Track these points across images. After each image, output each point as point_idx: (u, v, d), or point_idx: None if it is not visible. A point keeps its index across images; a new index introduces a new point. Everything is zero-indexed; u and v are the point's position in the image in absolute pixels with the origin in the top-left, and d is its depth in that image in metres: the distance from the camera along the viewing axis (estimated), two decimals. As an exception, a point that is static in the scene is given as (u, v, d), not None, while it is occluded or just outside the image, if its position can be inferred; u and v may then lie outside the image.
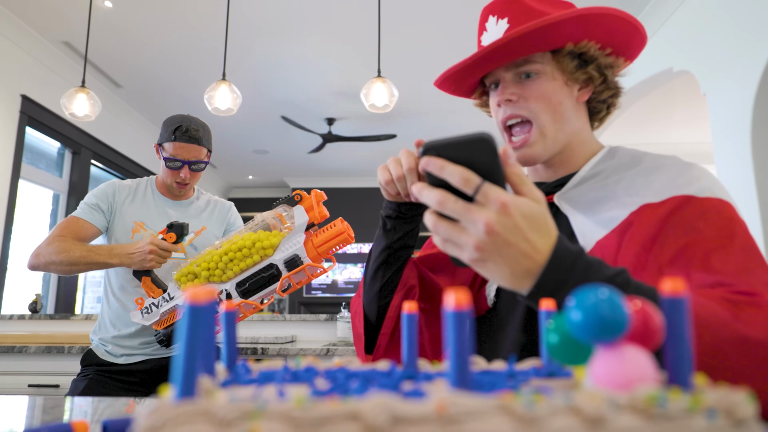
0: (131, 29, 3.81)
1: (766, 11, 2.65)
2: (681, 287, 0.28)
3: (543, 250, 0.51)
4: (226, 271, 1.25)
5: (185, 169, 1.80)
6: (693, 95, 4.71)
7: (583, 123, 0.86)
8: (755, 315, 0.56)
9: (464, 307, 0.25)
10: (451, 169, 0.50)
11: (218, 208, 1.97)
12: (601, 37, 0.81)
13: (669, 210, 0.71)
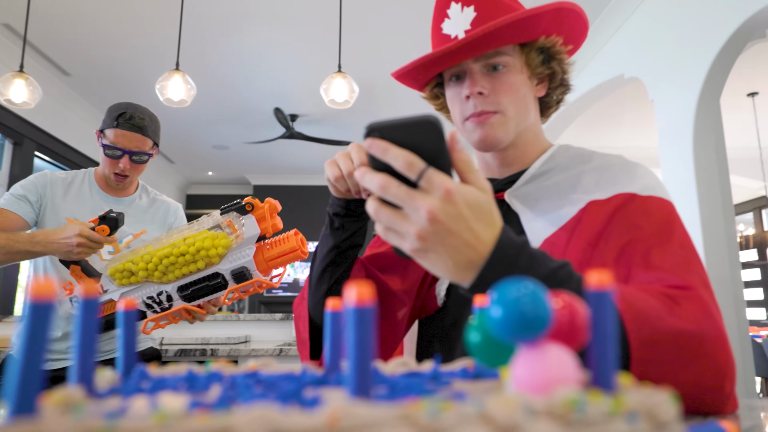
0: (81, 15, 3.65)
1: (710, 22, 2.74)
2: (606, 280, 0.26)
3: (487, 241, 0.50)
4: (167, 274, 1.16)
5: (125, 159, 1.66)
6: (642, 101, 4.85)
7: (536, 118, 0.87)
8: (689, 307, 0.57)
9: (366, 303, 0.23)
10: (394, 153, 0.48)
11: (162, 209, 1.83)
12: (566, 32, 0.82)
13: (614, 207, 0.72)
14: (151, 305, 1.18)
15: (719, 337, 0.57)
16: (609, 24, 3.71)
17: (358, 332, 0.22)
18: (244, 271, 1.13)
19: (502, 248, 0.50)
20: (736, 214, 7.61)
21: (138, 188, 1.84)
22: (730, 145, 6.00)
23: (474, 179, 0.50)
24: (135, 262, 1.18)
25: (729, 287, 2.72)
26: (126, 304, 0.33)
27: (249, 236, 1.14)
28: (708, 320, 0.57)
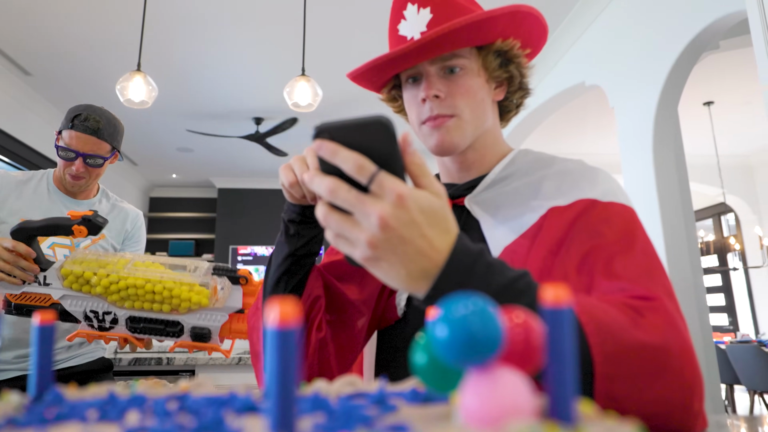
0: (43, 14, 3.52)
1: (666, 32, 2.81)
2: (564, 296, 0.24)
3: (441, 249, 0.47)
4: (126, 300, 1.09)
5: (79, 162, 1.60)
6: (604, 108, 4.95)
7: (495, 122, 0.85)
8: (654, 319, 0.54)
9: (289, 323, 0.20)
10: (344, 155, 0.45)
11: (121, 216, 1.76)
12: (523, 36, 0.81)
13: (575, 214, 0.70)
14: (91, 319, 1.10)
15: (686, 351, 0.55)
16: (570, 32, 3.77)
17: (281, 357, 0.19)
18: (206, 333, 1.09)
19: (457, 256, 0.47)
20: (696, 220, 7.84)
21: (98, 192, 1.77)
22: (689, 152, 6.20)
23: (428, 183, 0.48)
24: (98, 276, 1.11)
25: (691, 293, 2.78)
26: (42, 318, 0.30)
27: (228, 306, 1.10)
28: (674, 333, 0.55)
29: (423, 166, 0.48)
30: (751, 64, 4.05)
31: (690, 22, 2.65)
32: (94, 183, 1.72)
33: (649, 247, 0.67)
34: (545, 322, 0.24)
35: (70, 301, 1.10)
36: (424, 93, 0.79)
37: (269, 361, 0.20)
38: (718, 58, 4.06)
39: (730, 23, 2.51)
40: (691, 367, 0.54)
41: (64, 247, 1.57)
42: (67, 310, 1.10)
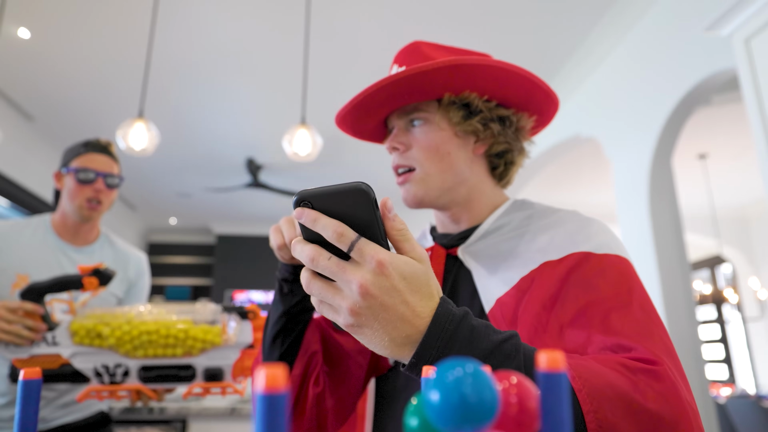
0: (48, 61, 3.62)
1: (660, 87, 2.89)
2: (559, 360, 0.24)
3: (423, 314, 0.47)
4: (138, 349, 1.08)
5: (100, 182, 1.54)
6: (599, 160, 5.03)
7: (481, 176, 0.83)
8: (652, 385, 0.51)
9: (278, 388, 0.20)
10: (324, 222, 0.46)
11: (122, 262, 1.65)
12: (489, 88, 0.79)
13: (568, 268, 0.67)
14: (101, 375, 1.08)
15: (689, 422, 0.50)
16: (566, 84, 3.87)
17: (268, 423, 0.19)
18: (219, 372, 1.09)
19: (440, 322, 0.47)
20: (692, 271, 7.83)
21: (99, 237, 1.67)
22: (685, 204, 6.26)
23: (409, 248, 0.48)
24: (111, 326, 1.10)
25: (689, 345, 2.75)
26: (26, 372, 0.30)
27: (240, 342, 1.11)
28: (677, 402, 0.51)
29: (404, 231, 0.49)
30: (743, 118, 4.14)
31: (683, 77, 2.73)
32: (100, 216, 1.63)
33: (647, 300, 0.65)
34: (540, 387, 0.24)
35: (80, 358, 1.08)
36: (387, 144, 0.84)
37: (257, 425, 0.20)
38: (711, 113, 4.15)
39: (722, 79, 2.59)
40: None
41: (62, 301, 1.49)
42: (76, 369, 1.08)
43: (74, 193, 1.55)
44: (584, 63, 3.61)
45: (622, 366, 0.52)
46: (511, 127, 0.83)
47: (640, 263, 2.99)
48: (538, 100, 0.82)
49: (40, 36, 3.34)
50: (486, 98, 0.80)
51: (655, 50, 2.96)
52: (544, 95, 0.81)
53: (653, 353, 0.56)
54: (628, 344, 0.57)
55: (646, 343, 0.57)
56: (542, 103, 0.83)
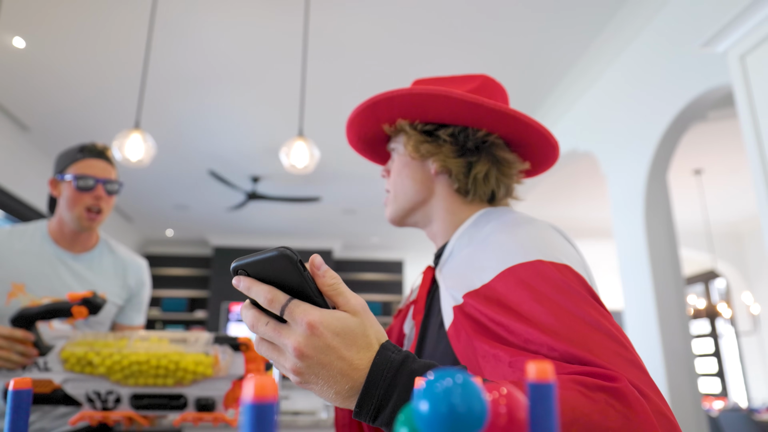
0: (43, 70, 3.63)
1: (656, 102, 2.91)
2: (548, 372, 0.24)
3: (361, 366, 0.48)
4: (129, 378, 1.07)
5: (99, 189, 1.48)
6: (595, 174, 5.05)
7: (444, 194, 0.85)
8: (614, 405, 0.48)
9: (267, 398, 0.20)
10: (256, 290, 0.48)
11: (121, 269, 1.60)
12: (416, 113, 0.83)
13: (500, 287, 0.64)
14: (93, 401, 1.08)
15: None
16: (562, 100, 3.90)
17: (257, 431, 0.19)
18: (211, 403, 1.09)
19: (377, 371, 0.48)
20: (686, 286, 7.84)
21: (98, 243, 1.60)
22: (680, 219, 6.28)
23: (343, 302, 0.50)
24: (101, 355, 1.09)
25: (682, 359, 2.75)
26: (16, 383, 0.30)
27: (231, 374, 1.11)
28: (641, 420, 0.47)
29: (336, 285, 0.50)
30: (738, 134, 4.17)
31: (679, 93, 2.75)
32: (100, 225, 1.56)
33: (585, 303, 0.59)
34: (529, 397, 0.24)
35: (71, 385, 1.08)
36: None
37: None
38: (706, 128, 4.18)
39: (717, 95, 2.61)
40: None
41: None
42: (68, 394, 1.08)
43: (73, 202, 1.49)
44: (581, 78, 3.64)
45: (580, 385, 0.49)
46: (454, 144, 0.82)
47: (635, 277, 3.00)
48: (465, 111, 0.80)
49: (36, 46, 3.35)
50: (417, 122, 0.84)
51: (651, 66, 2.99)
52: (468, 105, 0.79)
53: (610, 367, 0.52)
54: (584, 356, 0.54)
55: (603, 356, 0.54)
56: (469, 113, 0.80)
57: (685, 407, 2.69)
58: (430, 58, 3.48)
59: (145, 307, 1.70)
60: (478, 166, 0.82)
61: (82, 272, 1.52)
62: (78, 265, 1.53)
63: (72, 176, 1.48)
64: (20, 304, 1.40)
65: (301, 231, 7.66)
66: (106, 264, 1.58)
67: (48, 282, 1.46)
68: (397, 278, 8.59)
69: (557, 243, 0.69)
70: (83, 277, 1.52)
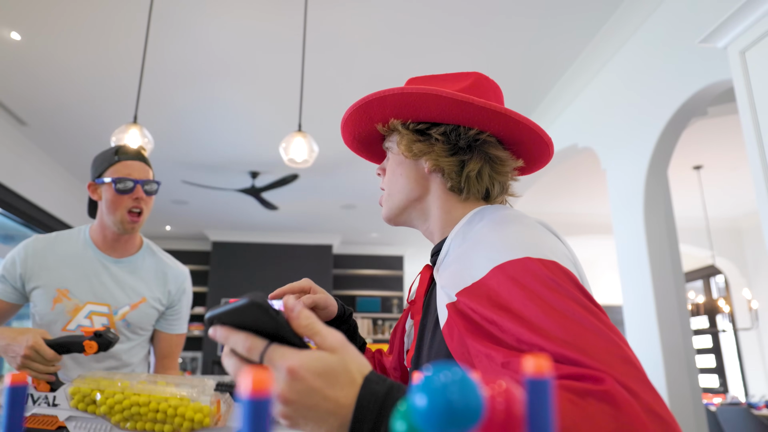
0: (40, 64, 3.61)
1: (656, 98, 2.91)
2: (545, 366, 0.24)
3: (347, 404, 0.48)
4: (128, 420, 1.08)
5: (138, 190, 1.50)
6: (596, 170, 5.05)
7: (438, 193, 0.86)
8: (604, 409, 0.48)
9: (263, 393, 0.20)
10: (234, 339, 0.49)
11: (161, 275, 1.62)
12: (408, 113, 0.83)
13: (486, 287, 0.65)
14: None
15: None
16: (562, 95, 3.89)
17: (253, 427, 0.19)
18: None
19: (364, 405, 0.48)
20: (686, 282, 7.85)
21: (141, 248, 1.63)
22: (680, 215, 6.28)
23: (320, 341, 0.50)
24: (104, 394, 1.10)
25: (682, 355, 2.75)
26: (13, 379, 0.29)
27: (230, 426, 1.10)
28: (633, 423, 0.48)
29: (311, 326, 0.50)
30: (738, 130, 4.17)
31: (679, 88, 2.75)
32: (141, 227, 1.59)
33: (574, 300, 0.59)
34: (526, 393, 0.24)
35: (74, 423, 1.10)
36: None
37: (243, 428, 0.20)
38: (706, 124, 4.18)
39: (717, 90, 2.61)
40: None
41: (102, 315, 1.49)
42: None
43: (114, 205, 1.51)
44: (582, 73, 3.63)
45: (569, 392, 0.49)
46: (446, 143, 0.83)
47: (634, 273, 3.00)
48: (457, 110, 0.80)
49: (32, 40, 3.34)
50: (409, 121, 0.85)
51: (651, 61, 2.98)
52: (459, 104, 0.79)
53: (599, 366, 0.52)
54: (573, 356, 0.53)
55: (592, 354, 0.53)
56: (460, 112, 0.80)
57: (684, 402, 2.69)
58: (428, 54, 3.47)
59: (186, 316, 1.71)
60: (470, 165, 0.82)
61: (123, 277, 1.55)
62: (120, 269, 1.55)
63: (111, 179, 1.50)
64: (64, 310, 1.46)
65: (301, 226, 7.66)
66: (148, 269, 1.60)
67: (90, 287, 1.50)
68: (396, 274, 8.59)
69: (545, 239, 0.69)
70: (124, 282, 1.55)
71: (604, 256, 8.17)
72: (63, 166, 5.36)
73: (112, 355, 1.52)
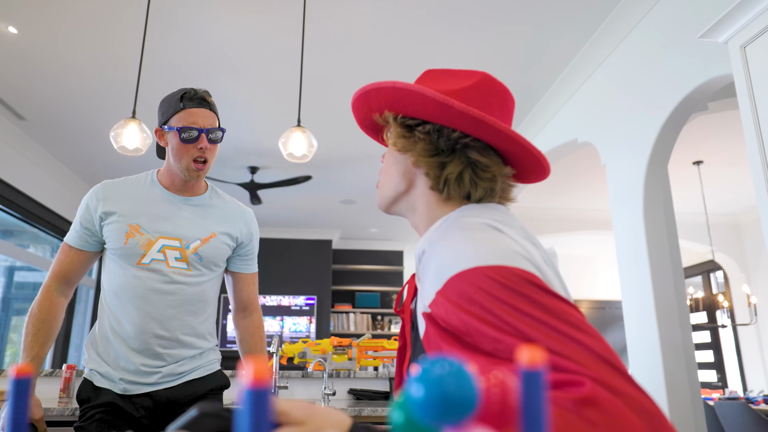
0: (38, 59, 3.60)
1: (656, 93, 2.90)
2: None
3: None
4: None
5: (203, 139, 1.52)
6: (595, 165, 5.04)
7: (422, 189, 0.85)
8: (588, 418, 0.48)
9: (263, 382, 0.20)
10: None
11: (229, 213, 1.66)
12: (398, 107, 0.84)
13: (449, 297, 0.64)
14: None
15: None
16: (563, 90, 3.88)
17: (254, 416, 0.19)
18: None
19: None
20: (685, 277, 7.86)
21: (208, 189, 1.68)
22: (679, 210, 6.28)
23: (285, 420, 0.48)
24: None
25: (680, 350, 2.76)
26: (18, 371, 0.30)
27: None
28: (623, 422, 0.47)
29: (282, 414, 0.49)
30: (738, 126, 4.16)
31: (679, 83, 2.74)
32: (207, 172, 1.62)
33: (533, 304, 0.59)
34: (520, 383, 0.24)
35: None
36: None
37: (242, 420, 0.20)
38: (707, 119, 4.17)
39: (718, 85, 2.60)
40: None
41: (174, 249, 1.54)
42: None
43: (180, 154, 1.53)
44: (581, 69, 3.62)
45: (553, 405, 0.48)
46: (428, 142, 0.82)
47: (633, 269, 3.00)
48: (439, 111, 0.79)
49: (29, 34, 3.33)
50: (400, 115, 0.85)
51: (651, 56, 2.98)
52: (436, 105, 0.78)
53: (575, 367, 0.52)
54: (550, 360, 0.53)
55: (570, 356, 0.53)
56: (441, 113, 0.80)
57: (682, 397, 2.70)
58: (428, 48, 3.46)
59: (255, 256, 1.76)
60: (450, 167, 0.81)
61: (192, 214, 1.59)
62: (188, 207, 1.60)
63: (176, 128, 1.52)
64: (138, 244, 1.51)
65: (300, 222, 7.66)
66: (216, 207, 1.64)
67: (161, 223, 1.55)
68: (396, 269, 8.60)
69: (497, 243, 0.67)
70: (193, 219, 1.59)
71: (604, 252, 8.17)
72: (61, 161, 5.35)
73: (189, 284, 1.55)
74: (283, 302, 7.74)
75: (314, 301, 7.81)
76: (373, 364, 2.83)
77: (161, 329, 1.51)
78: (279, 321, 7.67)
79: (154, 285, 1.51)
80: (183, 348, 1.54)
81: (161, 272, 1.52)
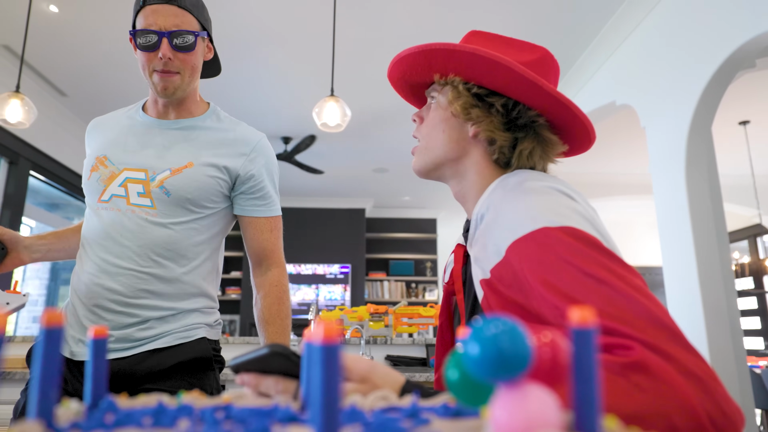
0: (77, 36, 3.68)
1: (700, 51, 2.78)
2: (590, 317, 0.25)
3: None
4: None
5: (164, 45, 1.18)
6: (634, 128, 4.90)
7: (476, 158, 0.85)
8: (638, 383, 0.49)
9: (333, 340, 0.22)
10: (266, 384, 0.51)
11: (228, 141, 1.31)
12: (473, 75, 0.81)
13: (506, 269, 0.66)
14: None
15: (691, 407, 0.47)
16: (601, 51, 3.76)
17: (326, 371, 0.21)
18: None
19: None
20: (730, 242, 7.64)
21: (205, 113, 1.35)
22: (724, 173, 6.07)
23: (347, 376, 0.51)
24: None
25: (725, 316, 2.71)
26: (96, 332, 0.32)
27: None
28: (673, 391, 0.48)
29: None
30: (787, 83, 3.97)
31: (725, 40, 2.62)
32: (190, 84, 1.28)
33: (597, 264, 0.59)
34: (572, 342, 0.25)
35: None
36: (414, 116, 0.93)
37: (314, 375, 0.21)
38: (754, 77, 3.99)
39: (766, 41, 2.48)
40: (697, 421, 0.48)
41: (137, 182, 1.24)
42: None
43: (142, 66, 1.23)
44: (620, 27, 3.49)
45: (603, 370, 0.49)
46: (505, 116, 0.81)
47: (675, 234, 2.94)
48: (524, 88, 0.78)
49: (69, 12, 3.39)
50: (471, 84, 0.82)
51: (696, 11, 2.85)
52: (528, 83, 0.77)
53: (626, 332, 0.52)
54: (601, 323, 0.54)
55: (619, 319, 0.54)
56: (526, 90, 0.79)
57: (728, 364, 2.66)
58: (464, 11, 3.39)
59: (275, 195, 1.40)
60: (524, 143, 0.82)
61: (171, 140, 1.29)
62: (170, 132, 1.29)
63: (131, 32, 1.22)
64: (99, 179, 1.25)
65: (332, 191, 7.71)
66: (206, 132, 1.31)
67: (129, 152, 1.27)
68: (430, 237, 8.62)
69: (562, 204, 0.68)
70: (171, 146, 1.27)
71: (643, 216, 8.00)
72: (103, 135, 5.51)
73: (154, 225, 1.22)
74: (318, 270, 7.87)
75: (348, 270, 7.91)
76: (409, 330, 2.88)
77: (113, 282, 1.19)
78: (314, 289, 7.82)
79: (112, 227, 1.21)
80: (144, 309, 1.20)
81: (121, 211, 1.22)
